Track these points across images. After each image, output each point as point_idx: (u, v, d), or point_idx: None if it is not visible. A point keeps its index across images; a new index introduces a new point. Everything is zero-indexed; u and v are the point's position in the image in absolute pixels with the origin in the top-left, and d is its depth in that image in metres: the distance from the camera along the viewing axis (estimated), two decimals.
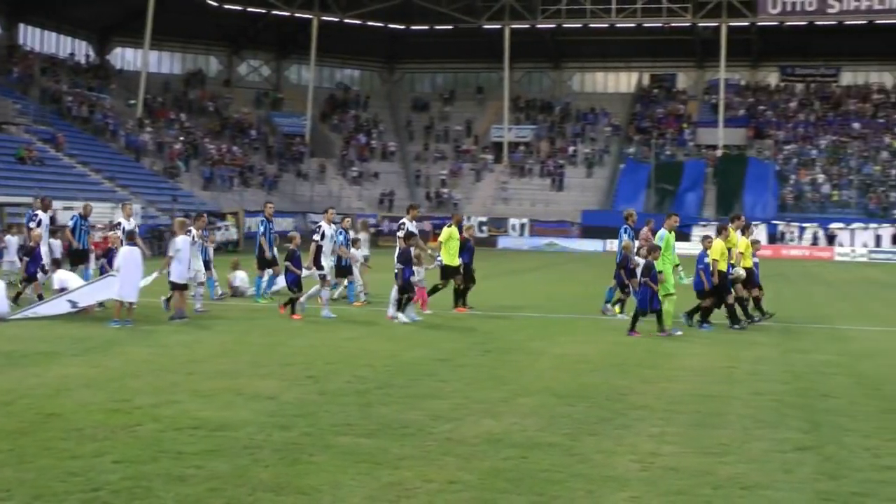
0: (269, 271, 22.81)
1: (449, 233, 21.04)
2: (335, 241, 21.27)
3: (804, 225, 62.85)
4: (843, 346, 16.49)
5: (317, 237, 20.46)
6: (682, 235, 62.74)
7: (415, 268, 19.26)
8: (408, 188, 75.91)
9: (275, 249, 22.83)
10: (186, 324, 17.60)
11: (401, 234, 19.86)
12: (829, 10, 72.88)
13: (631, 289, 19.56)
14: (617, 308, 20.50)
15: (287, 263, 19.53)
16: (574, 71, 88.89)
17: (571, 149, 77.76)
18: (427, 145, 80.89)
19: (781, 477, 7.87)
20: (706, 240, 18.67)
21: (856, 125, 76.36)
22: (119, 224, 21.91)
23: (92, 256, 23.33)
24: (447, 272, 21.03)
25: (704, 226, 63.94)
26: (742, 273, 19.15)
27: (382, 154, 79.37)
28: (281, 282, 21.92)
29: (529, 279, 33.85)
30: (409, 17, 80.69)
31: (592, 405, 10.67)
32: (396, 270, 18.90)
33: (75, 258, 22.36)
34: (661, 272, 17.57)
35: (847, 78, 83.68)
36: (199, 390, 11.10)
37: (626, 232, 20.66)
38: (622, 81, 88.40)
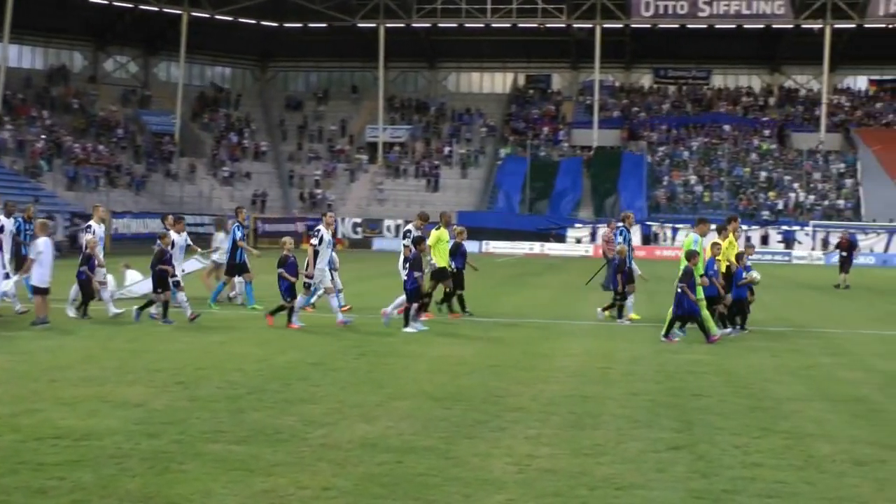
0: (239, 279, 22.47)
1: (437, 235, 20.71)
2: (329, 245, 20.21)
3: (678, 226, 64.48)
4: (712, 345, 16.97)
5: (314, 241, 19.30)
6: (558, 238, 64.23)
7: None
8: (281, 188, 75.25)
9: (245, 255, 22.43)
10: (49, 329, 17.07)
11: (407, 241, 19.65)
12: (700, 14, 75.18)
13: (626, 292, 19.89)
14: (608, 313, 20.65)
15: (280, 270, 18.45)
16: (449, 71, 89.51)
17: (447, 149, 78.24)
18: (301, 145, 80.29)
19: (655, 476, 8.06)
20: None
21: (726, 127, 78.90)
22: (90, 227, 20.98)
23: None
24: (437, 275, 20.79)
25: (579, 227, 65.29)
26: (756, 276, 19.15)
27: (255, 154, 78.44)
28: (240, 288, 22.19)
29: None
30: (282, 14, 79.95)
31: (469, 408, 10.74)
32: (405, 277, 18.51)
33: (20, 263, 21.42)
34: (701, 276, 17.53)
35: (718, 80, 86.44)
36: (62, 398, 10.77)
37: (621, 234, 20.71)
38: (497, 82, 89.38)
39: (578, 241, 64.09)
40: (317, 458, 8.38)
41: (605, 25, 75.95)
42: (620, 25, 77.13)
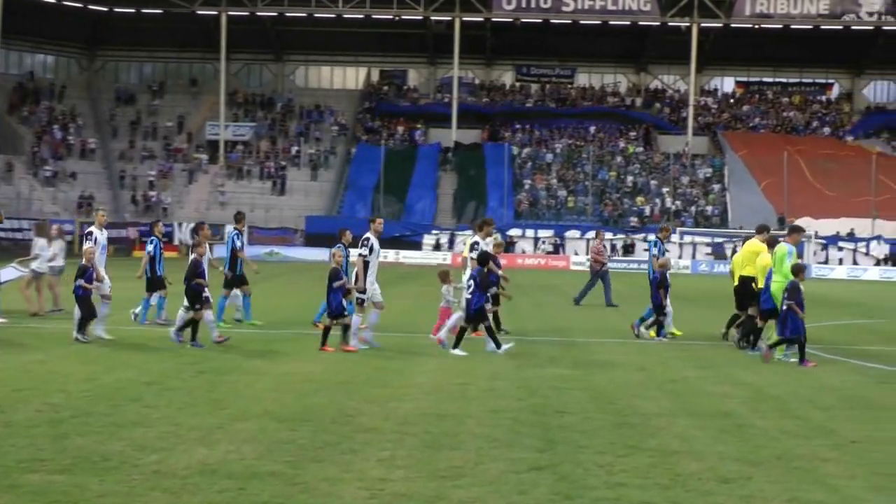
0: (237, 292, 21.80)
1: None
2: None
3: (540, 233, 65.61)
4: (578, 358, 17.30)
5: (364, 251, 18.37)
6: (413, 244, 64.49)
7: (444, 287, 19.29)
8: (111, 190, 73.52)
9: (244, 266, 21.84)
10: None
11: (473, 254, 18.93)
12: (564, 9, 76.80)
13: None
14: (652, 332, 20.59)
15: (336, 283, 17.89)
16: (298, 64, 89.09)
17: (294, 149, 77.83)
18: (133, 143, 78.58)
19: (517, 499, 8.15)
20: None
21: (591, 128, 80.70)
22: (90, 233, 20.13)
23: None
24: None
25: (437, 234, 65.75)
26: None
27: (81, 152, 76.40)
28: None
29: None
30: None
31: (317, 429, 10.67)
32: (468, 297, 17.83)
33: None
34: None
35: (582, 79, 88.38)
36: None
37: (656, 246, 20.60)
38: (349, 77, 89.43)
39: (437, 247, 64.54)
40: (149, 486, 8.20)
41: (465, 18, 76.84)
42: (481, 19, 78.17)
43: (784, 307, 17.12)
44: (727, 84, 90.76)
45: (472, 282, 17.80)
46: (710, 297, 36.21)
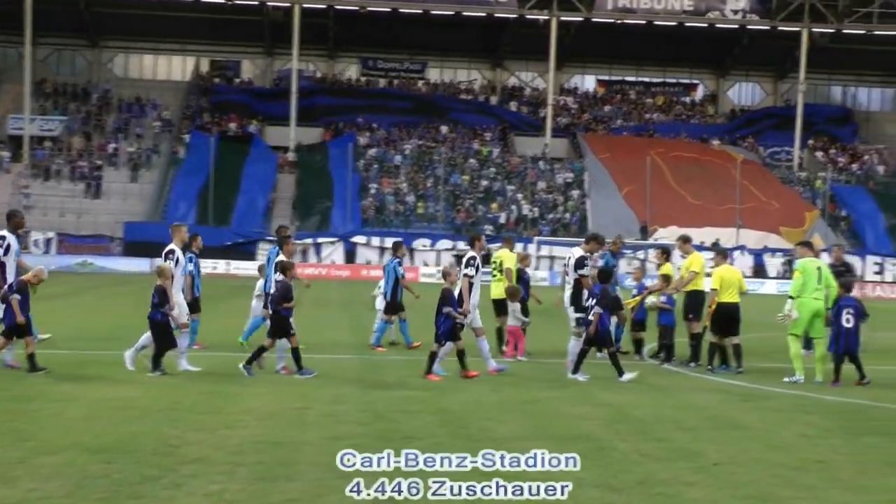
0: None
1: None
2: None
3: (387, 241, 65.63)
4: (427, 379, 17.34)
5: (469, 271, 18.59)
6: (247, 254, 63.67)
7: (510, 305, 19.59)
8: None
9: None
10: None
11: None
12: None
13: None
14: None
15: (448, 309, 17.53)
16: (116, 51, 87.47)
17: (112, 146, 76.25)
18: None
19: None
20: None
21: (443, 128, 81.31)
22: (172, 252, 19.04)
23: None
24: (499, 307, 20.86)
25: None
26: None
27: None
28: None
29: (56, 308, 32.58)
30: None
31: (136, 461, 10.46)
32: (592, 316, 17.77)
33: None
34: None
35: (434, 75, 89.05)
36: None
37: (603, 258, 20.73)
38: (175, 67, 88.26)
39: None
40: None
41: (305, 5, 76.67)
42: (323, 6, 78.12)
43: (845, 321, 17.98)
44: (588, 82, 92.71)
45: (594, 300, 18.00)
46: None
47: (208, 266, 61.99)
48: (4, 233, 17.72)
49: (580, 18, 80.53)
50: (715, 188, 73.76)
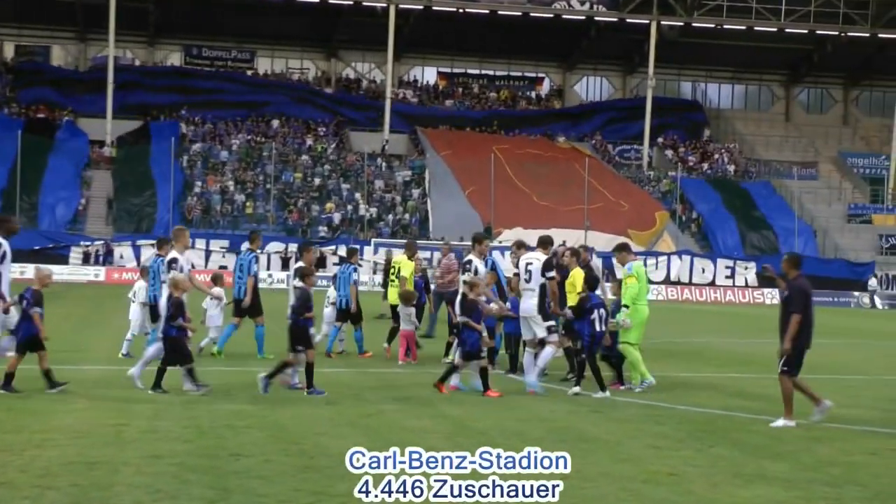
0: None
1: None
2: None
3: (213, 243, 64.79)
4: (258, 391, 17.19)
5: (466, 276, 19.21)
6: (58, 258, 61.93)
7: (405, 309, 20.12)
8: None
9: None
10: None
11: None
12: None
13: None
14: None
15: (467, 320, 17.72)
16: None
17: None
18: None
19: None
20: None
21: (274, 122, 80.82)
22: (175, 260, 19.13)
23: None
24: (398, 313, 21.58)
25: (87, 245, 63.67)
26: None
27: None
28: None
29: None
30: None
31: None
32: (604, 326, 18.00)
33: None
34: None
35: (264, 64, 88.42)
36: None
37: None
38: None
39: (87, 260, 62.53)
40: None
41: None
42: None
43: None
44: (429, 75, 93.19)
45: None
46: None
47: (16, 271, 60.30)
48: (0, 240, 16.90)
49: (420, 7, 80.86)
50: (562, 187, 74.78)
